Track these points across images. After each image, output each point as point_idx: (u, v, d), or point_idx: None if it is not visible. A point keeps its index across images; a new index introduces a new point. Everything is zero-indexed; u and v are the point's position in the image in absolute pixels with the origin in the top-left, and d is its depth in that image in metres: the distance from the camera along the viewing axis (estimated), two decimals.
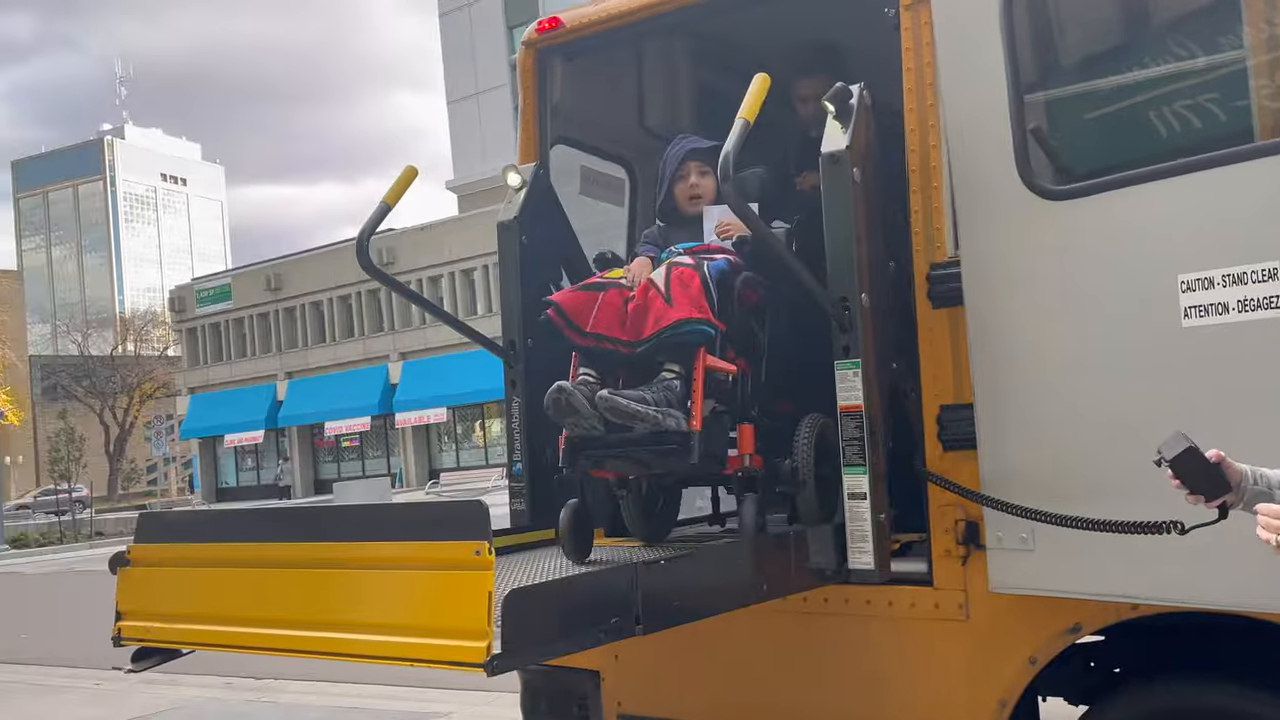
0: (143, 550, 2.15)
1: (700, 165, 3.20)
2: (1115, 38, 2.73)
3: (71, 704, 7.19)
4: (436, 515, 1.73)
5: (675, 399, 2.57)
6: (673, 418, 2.54)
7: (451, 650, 1.64)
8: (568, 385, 2.52)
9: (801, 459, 2.73)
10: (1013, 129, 2.62)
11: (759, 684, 3.12)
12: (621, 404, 2.50)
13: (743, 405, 2.79)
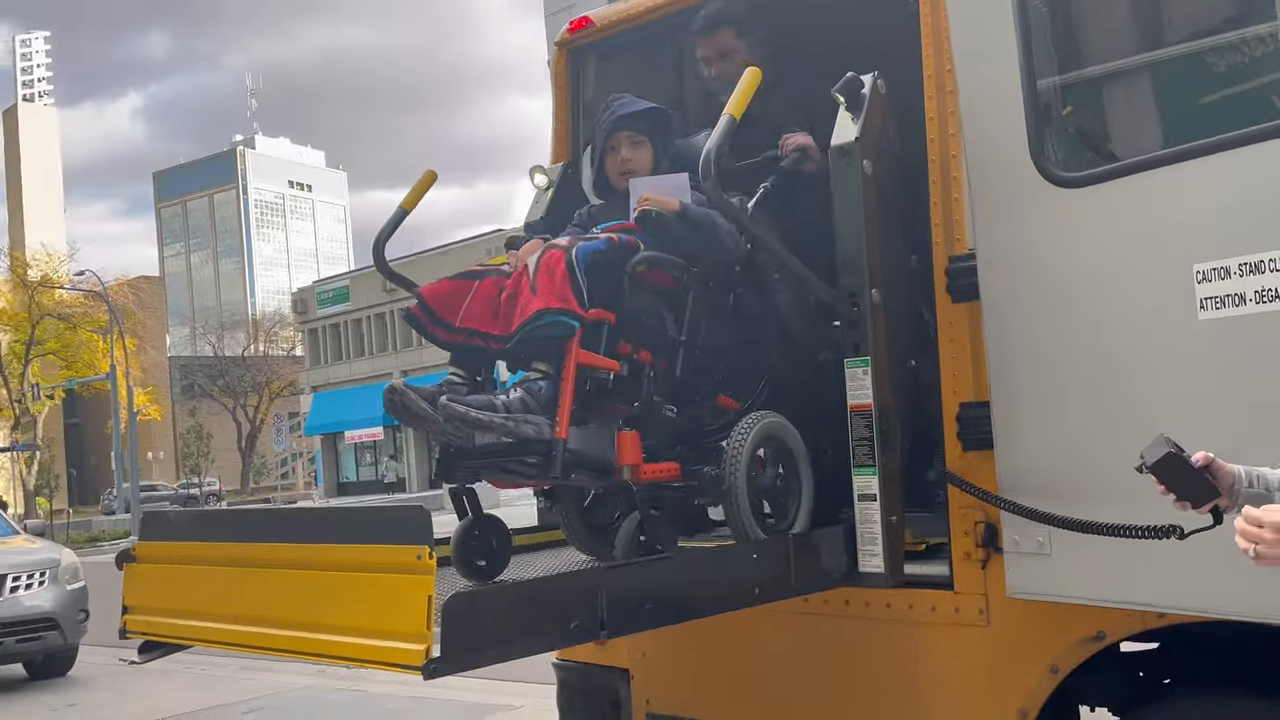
0: (147, 548, 2.27)
1: (632, 136, 2.87)
2: (1128, 19, 2.59)
3: (176, 688, 7.60)
4: (382, 519, 1.76)
5: (539, 402, 2.22)
6: (531, 425, 2.19)
7: (393, 652, 1.67)
8: (399, 385, 2.20)
9: (729, 465, 2.44)
10: (1026, 115, 2.51)
11: (781, 685, 3.07)
12: (459, 410, 2.15)
13: (647, 405, 2.46)
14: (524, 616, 1.90)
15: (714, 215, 2.62)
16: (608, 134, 2.86)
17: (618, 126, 2.85)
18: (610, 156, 2.87)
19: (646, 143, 2.87)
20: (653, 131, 2.88)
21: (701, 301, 2.59)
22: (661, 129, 2.92)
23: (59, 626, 8.32)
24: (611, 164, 2.87)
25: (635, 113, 2.86)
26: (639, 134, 2.86)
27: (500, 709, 6.11)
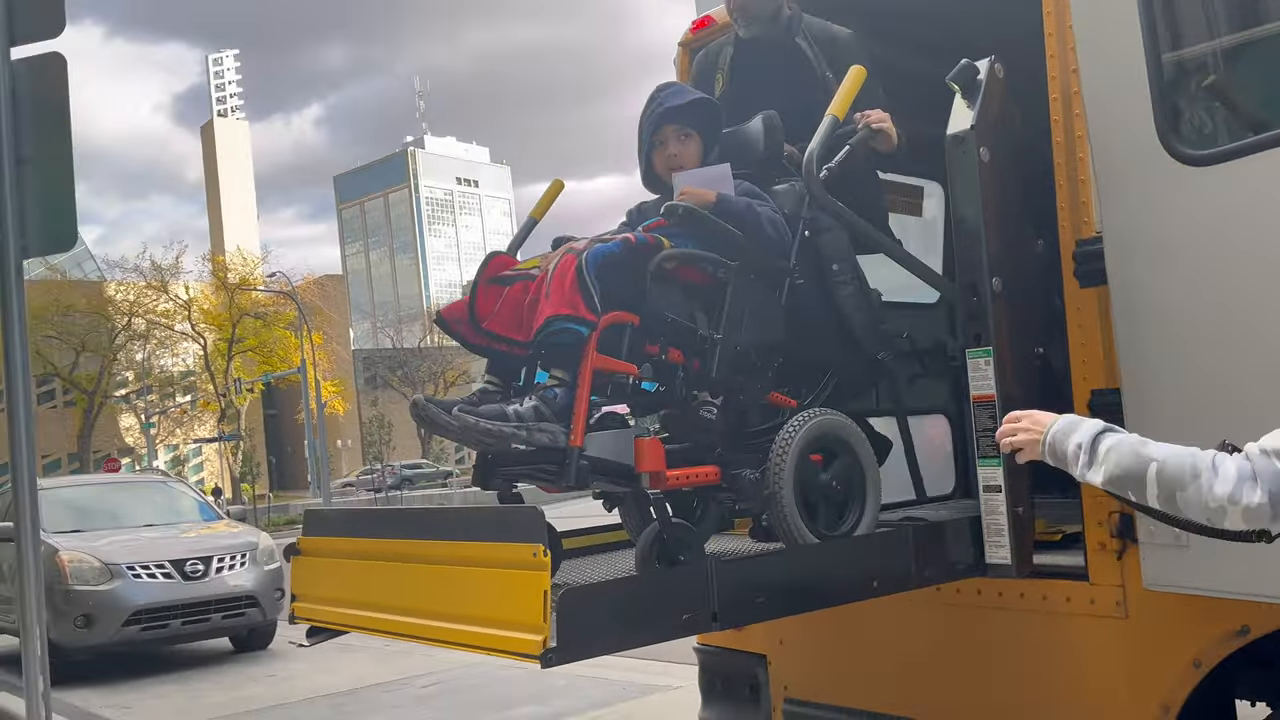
0: (308, 542, 2.52)
1: (680, 129, 2.72)
2: None
3: (363, 662, 8.18)
4: (502, 519, 1.91)
5: (553, 410, 2.18)
6: (545, 433, 2.14)
7: (513, 642, 1.82)
8: (421, 398, 2.20)
9: (773, 468, 2.31)
10: (1152, 91, 2.42)
11: (915, 674, 3.08)
12: (470, 421, 2.12)
13: (680, 406, 2.39)
14: (636, 608, 2.01)
15: (755, 205, 2.53)
16: (655, 127, 2.73)
17: (665, 120, 2.72)
18: (658, 151, 2.75)
19: (695, 136, 2.73)
20: (701, 124, 2.74)
21: (743, 296, 2.44)
22: (711, 121, 2.78)
23: (259, 604, 9.09)
24: (659, 158, 2.75)
25: (683, 105, 2.72)
26: (687, 127, 2.73)
27: (659, 689, 6.29)
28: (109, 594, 8.48)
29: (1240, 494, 1.55)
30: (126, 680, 8.36)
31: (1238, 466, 1.58)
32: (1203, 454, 1.64)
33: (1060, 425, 1.79)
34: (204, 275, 51.24)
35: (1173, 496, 1.63)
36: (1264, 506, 1.53)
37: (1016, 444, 1.84)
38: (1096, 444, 1.72)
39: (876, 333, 2.73)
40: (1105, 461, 1.70)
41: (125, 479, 15.24)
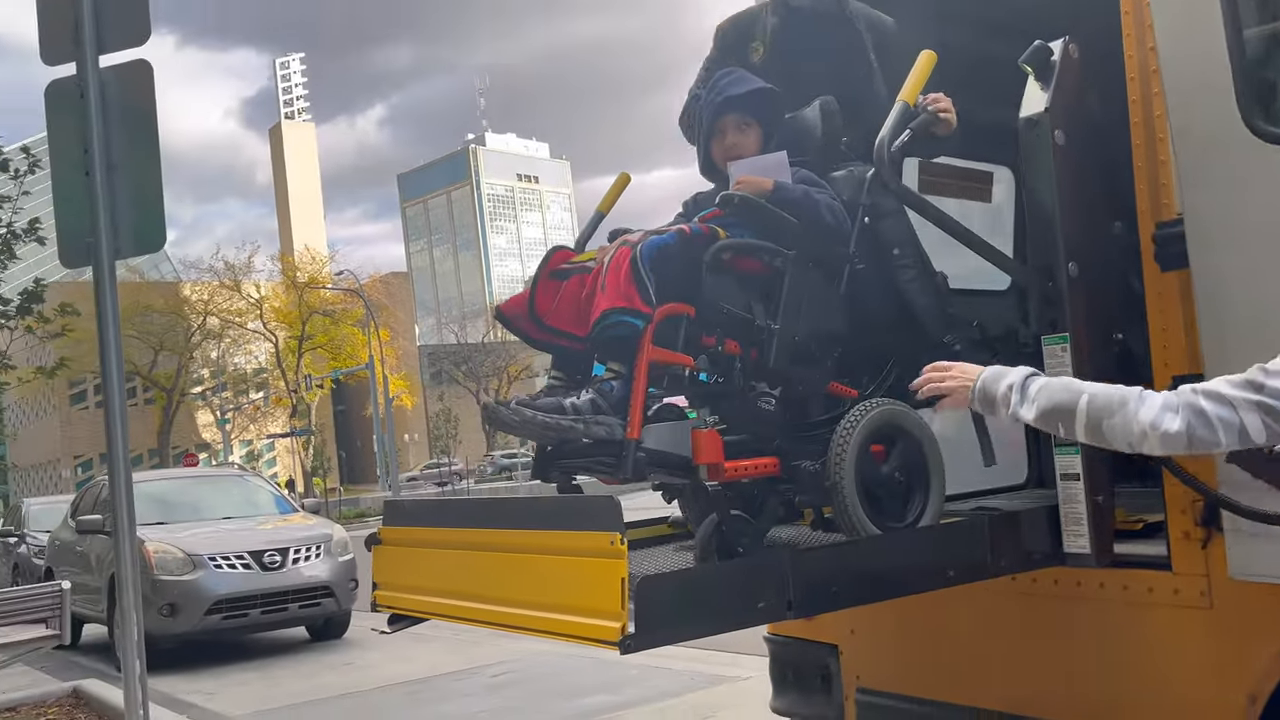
0: (389, 532, 2.58)
1: (739, 118, 2.66)
2: None
3: (437, 651, 8.34)
4: (580, 508, 1.94)
5: (610, 402, 2.17)
6: (602, 425, 2.14)
7: (592, 628, 1.85)
8: (490, 402, 2.24)
9: (833, 459, 2.27)
10: (1233, 68, 2.35)
11: (989, 665, 3.05)
12: (528, 415, 2.15)
13: (738, 398, 2.35)
14: (712, 597, 2.03)
15: (813, 193, 2.48)
16: (714, 116, 2.67)
17: (725, 109, 2.66)
18: (716, 140, 2.69)
19: (755, 125, 2.67)
20: (762, 113, 2.69)
21: (799, 285, 2.40)
22: (771, 110, 2.72)
23: (334, 594, 9.31)
24: (717, 148, 2.70)
25: (743, 94, 2.65)
26: (747, 116, 2.66)
27: (727, 679, 6.31)
28: (192, 584, 8.77)
29: (1161, 420, 1.65)
30: (209, 667, 8.63)
31: (1164, 398, 1.68)
32: (1133, 388, 1.75)
33: (990, 371, 1.89)
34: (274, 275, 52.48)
35: (1100, 425, 1.71)
36: (1180, 434, 1.63)
37: (943, 389, 1.94)
38: (1028, 384, 1.82)
39: (942, 317, 2.68)
40: (1037, 398, 1.79)
41: (205, 473, 15.72)
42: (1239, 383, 1.64)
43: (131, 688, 2.96)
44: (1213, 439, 1.64)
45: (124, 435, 3.19)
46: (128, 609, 2.98)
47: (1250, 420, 1.61)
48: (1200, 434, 1.64)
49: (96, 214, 3.17)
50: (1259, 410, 1.60)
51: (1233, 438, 1.63)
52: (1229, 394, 1.63)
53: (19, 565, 14.03)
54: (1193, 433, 1.63)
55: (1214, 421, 1.63)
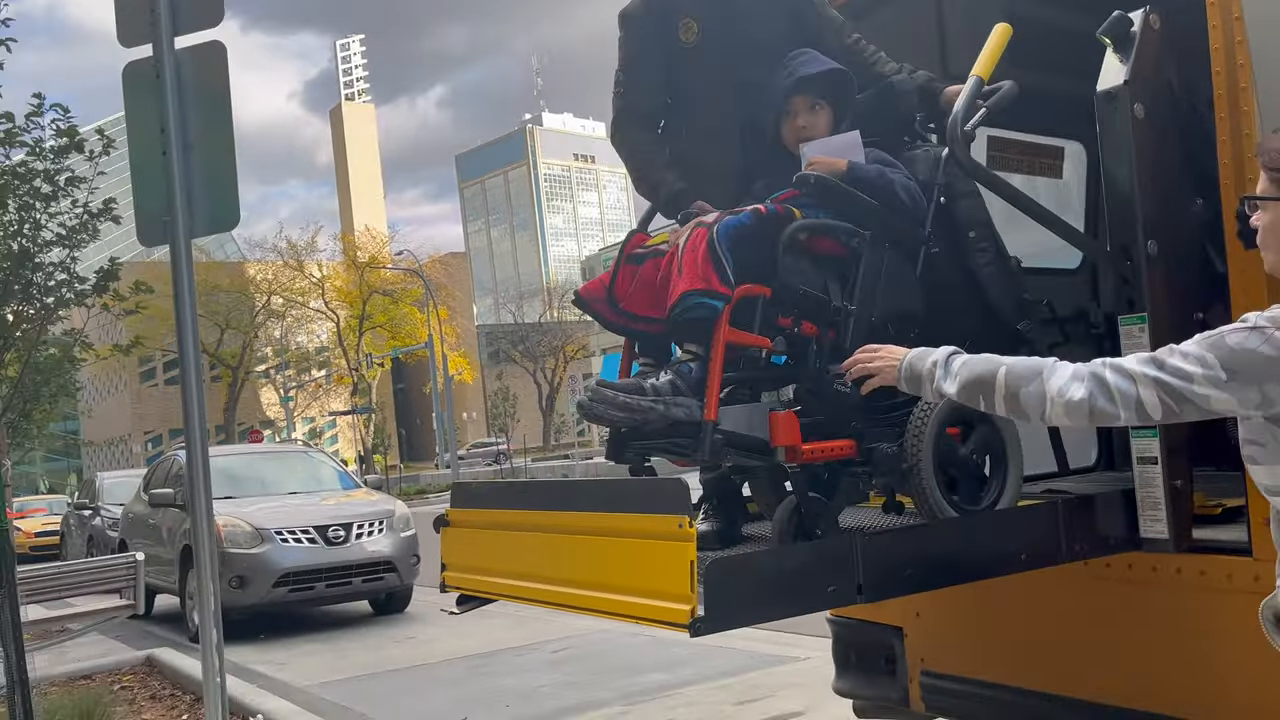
0: (457, 513, 2.61)
1: (811, 100, 2.62)
2: None
3: (496, 628, 8.45)
4: (647, 490, 1.94)
5: (688, 384, 2.18)
6: (681, 407, 2.14)
7: (662, 611, 1.85)
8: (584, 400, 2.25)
9: (911, 441, 2.26)
10: None
11: (1061, 650, 3.00)
12: (609, 395, 2.16)
13: (814, 380, 2.32)
14: (783, 580, 2.02)
15: (887, 172, 2.46)
16: (786, 96, 2.64)
17: (797, 89, 2.62)
18: (787, 121, 2.65)
19: (826, 107, 2.64)
20: (834, 94, 2.66)
21: (876, 266, 2.39)
22: (843, 91, 2.69)
23: (396, 569, 9.48)
24: (788, 130, 2.66)
25: (815, 75, 2.62)
26: (819, 98, 2.64)
27: (786, 660, 6.30)
28: (260, 557, 8.98)
29: (1066, 389, 1.68)
30: (278, 639, 8.86)
31: (1074, 368, 1.70)
32: (1049, 359, 1.77)
33: (917, 350, 1.93)
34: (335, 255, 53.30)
35: (1017, 394, 1.74)
36: (1082, 403, 1.65)
37: (871, 369, 1.99)
38: (951, 359, 1.86)
39: (1016, 301, 2.64)
40: (960, 372, 1.83)
41: (271, 449, 16.06)
42: (1145, 358, 1.66)
43: (209, 656, 3.05)
44: (1113, 411, 1.65)
45: (201, 410, 3.27)
46: (205, 580, 3.07)
47: (1147, 396, 1.62)
48: (1101, 405, 1.65)
49: (173, 193, 3.24)
50: (1157, 386, 1.61)
51: (1130, 412, 1.64)
52: (1132, 368, 1.65)
53: (94, 537, 14.52)
54: (1094, 403, 1.65)
55: (1114, 393, 1.64)
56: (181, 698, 6.75)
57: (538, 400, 63.21)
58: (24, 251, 5.29)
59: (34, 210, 5.35)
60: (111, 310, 5.81)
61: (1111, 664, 2.89)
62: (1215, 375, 1.56)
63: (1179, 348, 1.62)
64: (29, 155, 5.44)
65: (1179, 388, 1.59)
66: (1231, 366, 1.55)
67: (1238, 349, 1.54)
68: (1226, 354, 1.55)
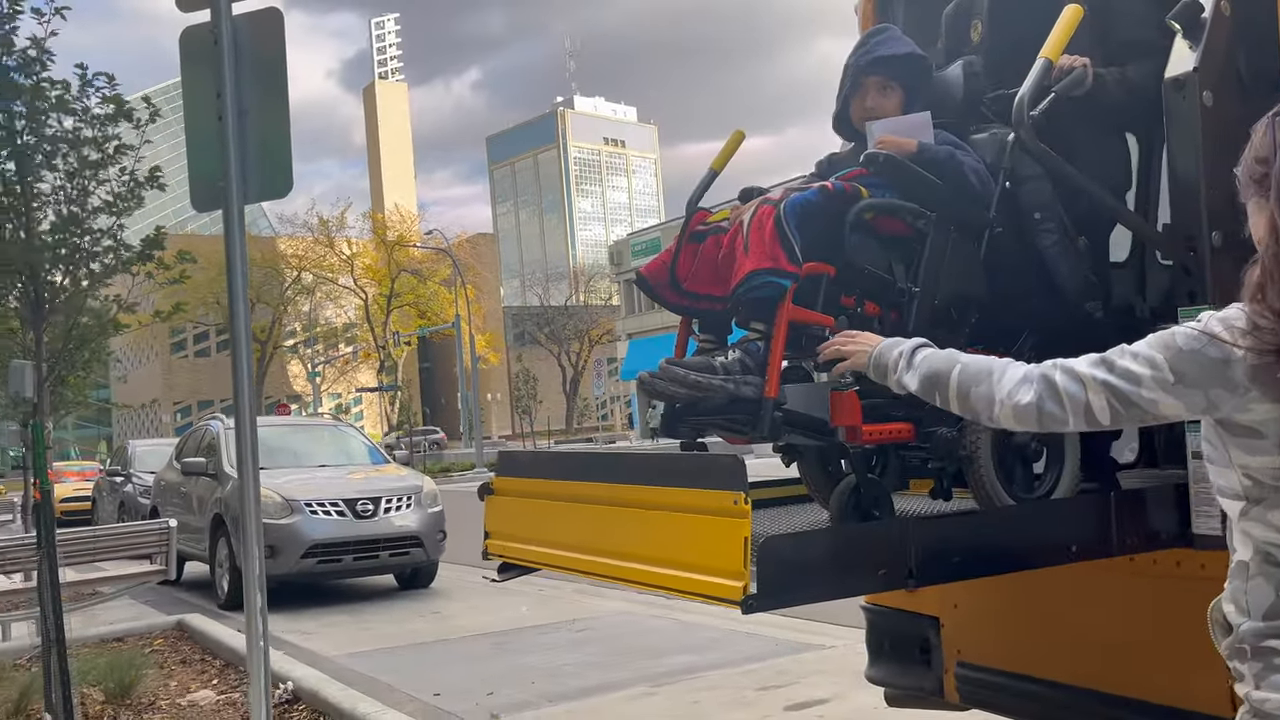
0: (502, 482, 2.61)
1: (882, 81, 2.61)
2: None
3: (515, 605, 8.50)
4: (703, 466, 1.92)
5: (756, 362, 2.17)
6: (750, 385, 2.14)
7: (714, 586, 1.84)
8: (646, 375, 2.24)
9: (970, 426, 2.23)
10: None
11: (1103, 646, 2.96)
12: (679, 374, 2.17)
13: None
14: (835, 561, 2.00)
15: (958, 154, 2.43)
16: (858, 75, 2.64)
17: (870, 69, 2.62)
18: (857, 99, 2.64)
19: (897, 90, 2.62)
20: (907, 78, 2.64)
21: (941, 248, 2.36)
22: (917, 76, 2.67)
23: (423, 544, 9.54)
24: (856, 108, 2.65)
25: (890, 56, 2.61)
26: (891, 80, 2.62)
27: (813, 648, 6.29)
28: (290, 528, 9.07)
29: (1015, 392, 1.61)
30: (305, 609, 8.95)
31: (1025, 370, 1.64)
32: (1004, 359, 1.71)
33: (888, 340, 1.90)
34: (365, 233, 53.60)
35: (967, 394, 1.69)
36: (1030, 407, 1.59)
37: (846, 352, 1.96)
38: (916, 352, 1.82)
39: (1083, 283, 2.60)
40: (920, 366, 1.78)
41: (302, 422, 16.20)
42: (1096, 359, 1.57)
43: (253, 620, 3.07)
44: (1062, 416, 1.58)
45: (249, 375, 3.29)
46: (250, 545, 3.09)
47: (1095, 400, 1.54)
48: (1049, 409, 1.58)
49: (227, 159, 3.25)
50: (1105, 390, 1.53)
51: (1079, 417, 1.57)
52: (1082, 371, 1.57)
53: (125, 503, 14.72)
54: (1042, 407, 1.59)
55: (1063, 397, 1.57)
56: (211, 663, 6.84)
57: (562, 383, 63.37)
58: (72, 217, 5.34)
59: (83, 177, 5.40)
60: (155, 278, 5.87)
61: (1155, 661, 2.86)
62: (1163, 378, 1.48)
63: (1130, 348, 1.55)
64: (78, 122, 5.50)
65: (1126, 391, 1.51)
66: (1179, 369, 1.47)
67: (1185, 350, 1.46)
68: (1175, 355, 1.47)
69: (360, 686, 5.77)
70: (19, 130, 5.31)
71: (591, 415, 72.24)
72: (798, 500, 2.97)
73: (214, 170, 3.33)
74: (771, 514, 2.81)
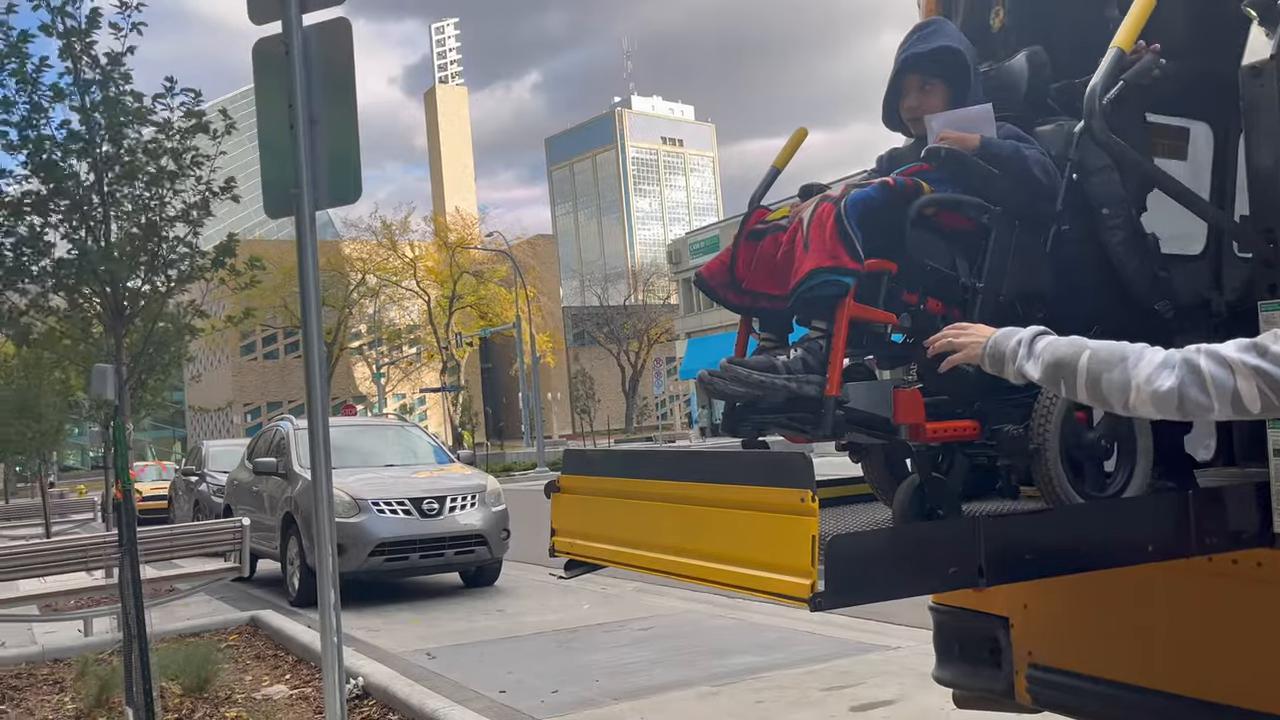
0: (568, 480, 2.64)
1: (922, 79, 2.56)
2: None
3: (579, 603, 8.56)
4: (770, 463, 1.92)
5: (819, 360, 2.17)
6: (813, 384, 2.14)
7: (781, 584, 1.84)
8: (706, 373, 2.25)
9: (1038, 422, 2.18)
10: None
11: (1180, 648, 2.89)
12: (741, 373, 2.17)
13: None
14: (904, 559, 1.99)
15: (1022, 148, 2.38)
16: (897, 74, 2.59)
17: (906, 68, 2.57)
18: (902, 98, 2.61)
19: (940, 87, 2.56)
20: (947, 74, 2.58)
21: (1006, 243, 2.32)
22: (958, 71, 2.59)
23: (487, 542, 9.65)
24: (903, 107, 2.62)
25: (925, 53, 2.55)
26: (931, 77, 2.56)
27: (878, 648, 6.23)
28: (357, 526, 9.24)
29: (1155, 378, 1.54)
30: (371, 606, 9.11)
31: (1165, 355, 1.57)
32: (1138, 344, 1.63)
33: (1004, 329, 1.85)
34: (427, 235, 54.35)
35: (1099, 380, 1.61)
36: (1172, 393, 1.52)
37: (957, 345, 1.92)
38: (1036, 340, 1.76)
39: (1152, 281, 2.54)
40: (1042, 354, 1.73)
41: (370, 422, 16.51)
42: (1245, 344, 1.50)
43: (327, 615, 3.15)
44: (1205, 402, 1.51)
45: (323, 377, 3.37)
46: (324, 543, 3.17)
47: (1245, 387, 1.47)
48: (1193, 395, 1.51)
49: (299, 166, 3.34)
50: (1257, 376, 1.46)
51: (1225, 404, 1.50)
52: (1231, 356, 1.50)
53: (199, 502, 15.14)
54: (1185, 393, 1.52)
55: (1208, 383, 1.50)
56: (284, 658, 7.01)
57: (621, 383, 63.55)
58: (151, 225, 5.52)
59: (161, 186, 5.57)
60: (228, 284, 6.05)
61: (1234, 664, 2.78)
62: None
63: None
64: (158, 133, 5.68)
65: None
66: None
67: None
68: None
69: (428, 683, 5.87)
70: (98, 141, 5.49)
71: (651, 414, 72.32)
72: (862, 499, 2.95)
73: (286, 178, 3.42)
74: (835, 512, 2.79)
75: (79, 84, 5.45)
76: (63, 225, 5.46)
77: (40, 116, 5.40)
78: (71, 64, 5.43)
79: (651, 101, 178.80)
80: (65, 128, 5.45)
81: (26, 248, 5.38)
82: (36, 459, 17.64)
